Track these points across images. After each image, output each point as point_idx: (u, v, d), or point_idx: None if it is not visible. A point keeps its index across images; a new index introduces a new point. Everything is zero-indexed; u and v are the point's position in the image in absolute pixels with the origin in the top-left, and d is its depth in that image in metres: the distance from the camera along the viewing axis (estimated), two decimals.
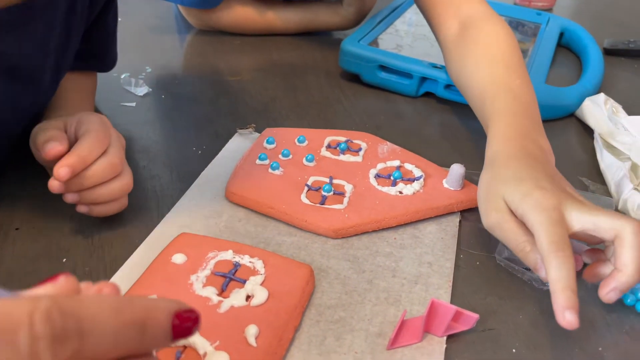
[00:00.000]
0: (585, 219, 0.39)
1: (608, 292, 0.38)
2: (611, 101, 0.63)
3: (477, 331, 0.40)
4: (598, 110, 0.62)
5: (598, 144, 0.58)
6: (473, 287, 0.43)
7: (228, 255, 0.42)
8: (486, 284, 0.44)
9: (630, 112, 0.63)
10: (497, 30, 0.57)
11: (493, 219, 0.42)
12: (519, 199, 0.41)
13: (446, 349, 0.38)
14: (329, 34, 0.89)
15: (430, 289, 0.43)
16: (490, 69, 0.54)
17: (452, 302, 0.42)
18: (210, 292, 0.39)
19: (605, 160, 0.55)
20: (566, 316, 0.35)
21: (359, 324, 0.39)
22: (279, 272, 0.41)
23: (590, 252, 0.42)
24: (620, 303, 0.42)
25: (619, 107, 0.62)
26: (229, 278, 0.40)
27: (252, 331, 0.36)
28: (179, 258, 0.41)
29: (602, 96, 0.63)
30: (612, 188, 0.52)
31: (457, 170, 0.50)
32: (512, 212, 0.41)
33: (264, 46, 0.83)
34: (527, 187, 0.41)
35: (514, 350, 0.39)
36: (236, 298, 0.38)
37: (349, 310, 0.40)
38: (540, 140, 0.47)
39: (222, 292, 0.39)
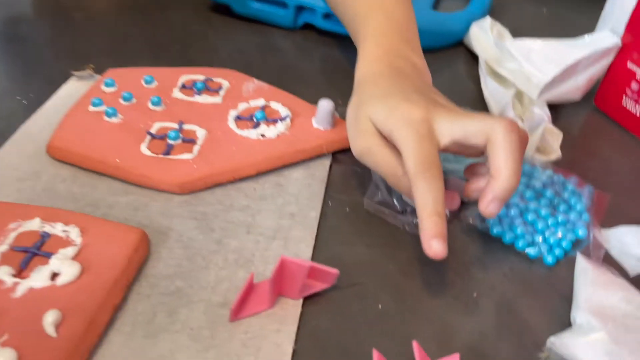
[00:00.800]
0: (455, 128, 0.34)
1: (487, 205, 0.33)
2: (498, 25, 0.58)
3: (341, 288, 0.35)
4: (484, 36, 0.57)
5: (482, 71, 0.53)
6: (340, 238, 0.38)
7: (34, 224, 0.34)
8: (355, 233, 0.38)
9: (518, 36, 0.58)
10: None
11: (360, 144, 0.37)
12: (384, 117, 0.35)
13: (302, 313, 0.33)
14: None
15: (290, 244, 0.37)
16: None
17: (314, 256, 0.36)
18: (4, 273, 0.31)
19: (489, 87, 0.51)
20: (432, 245, 0.31)
21: (199, 293, 0.33)
22: (99, 241, 0.33)
23: (470, 168, 0.38)
24: (499, 242, 0.38)
25: (506, 32, 0.57)
26: (31, 253, 0.32)
27: (50, 318, 0.28)
28: None
29: (488, 20, 0.58)
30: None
31: (325, 106, 0.44)
32: (381, 135, 0.36)
33: None
34: (393, 102, 0.36)
35: (380, 307, 0.34)
36: (37, 278, 0.30)
37: (188, 279, 0.34)
38: (413, 57, 0.42)
39: (22, 271, 0.31)
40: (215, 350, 0.30)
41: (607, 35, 0.51)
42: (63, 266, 0.31)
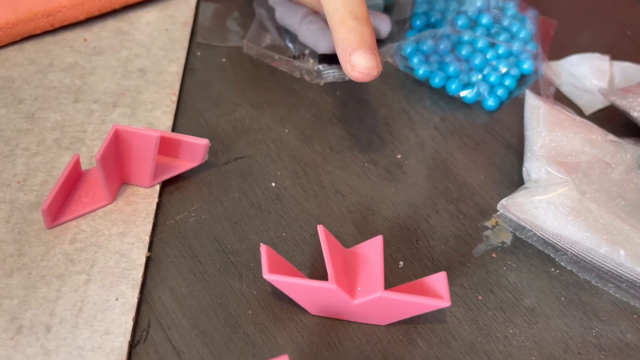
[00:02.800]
0: None
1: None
2: None
3: (217, 165, 0.25)
4: None
5: None
6: (213, 98, 0.27)
7: None
8: (235, 90, 0.28)
9: None
10: None
11: None
12: None
13: (160, 205, 0.23)
14: None
15: (140, 111, 0.26)
16: None
17: (176, 126, 0.26)
18: None
19: None
20: (353, 60, 0.22)
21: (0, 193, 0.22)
22: None
23: None
24: (427, 87, 0.29)
25: None
26: None
27: None
28: None
29: None
30: None
31: None
32: None
33: None
34: None
35: (273, 184, 0.24)
36: None
37: None
38: None
39: None
40: (23, 273, 0.20)
41: None
42: None
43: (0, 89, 0.26)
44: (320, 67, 0.29)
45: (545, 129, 0.25)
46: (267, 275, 0.19)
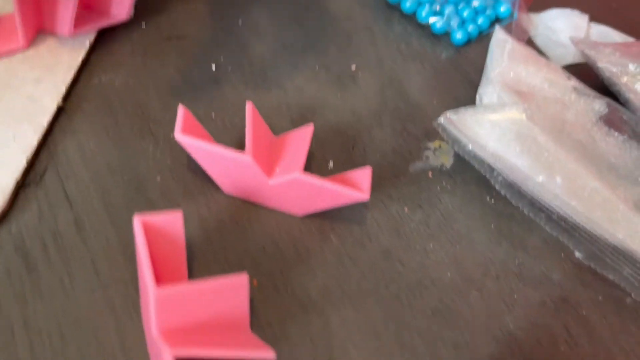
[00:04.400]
0: None
1: None
2: None
3: (158, 39, 0.23)
4: None
5: None
6: None
7: None
8: None
9: None
10: None
11: None
12: None
13: (89, 61, 0.21)
14: None
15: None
16: None
17: None
18: None
19: None
20: None
21: None
22: None
23: None
24: (398, 11, 0.28)
25: None
26: None
27: None
28: None
29: None
30: None
31: None
32: None
33: None
34: None
35: (214, 68, 0.23)
36: None
37: None
38: None
39: None
40: None
41: None
42: None
43: None
44: None
45: (507, 60, 0.24)
46: (179, 135, 0.17)
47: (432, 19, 0.27)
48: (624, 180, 0.21)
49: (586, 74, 0.27)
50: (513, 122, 0.21)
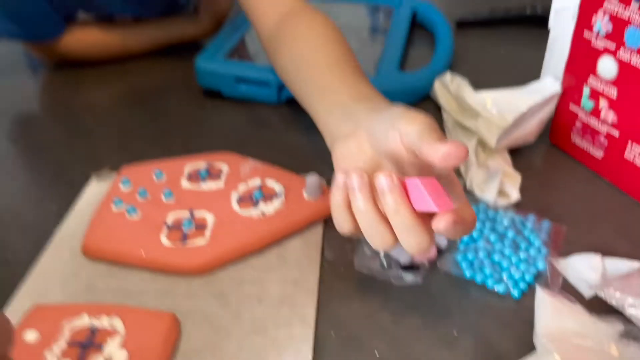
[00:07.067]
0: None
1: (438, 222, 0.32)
2: (457, 79, 0.65)
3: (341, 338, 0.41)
4: (445, 91, 0.65)
5: (446, 126, 0.61)
6: (338, 296, 0.45)
7: (83, 320, 0.41)
8: (348, 289, 0.45)
9: (479, 84, 0.65)
10: (314, 22, 0.56)
11: None
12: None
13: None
14: (191, 47, 0.87)
15: (297, 308, 0.43)
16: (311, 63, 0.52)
17: (320, 317, 0.43)
18: None
19: (453, 138, 0.58)
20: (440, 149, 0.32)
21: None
22: (139, 328, 0.40)
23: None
24: (473, 284, 0.45)
25: (465, 83, 0.65)
26: (86, 346, 0.39)
27: None
28: (30, 335, 0.39)
29: (448, 75, 0.66)
30: (461, 167, 0.55)
31: (313, 182, 0.51)
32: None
33: (122, 72, 0.80)
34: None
35: (377, 354, 0.40)
36: None
37: (216, 350, 0.40)
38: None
39: None
40: None
41: (550, 82, 0.58)
42: (114, 354, 0.38)
43: (218, 298, 0.45)
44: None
45: (548, 315, 0.40)
46: None
47: (496, 287, 0.44)
48: None
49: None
50: None
